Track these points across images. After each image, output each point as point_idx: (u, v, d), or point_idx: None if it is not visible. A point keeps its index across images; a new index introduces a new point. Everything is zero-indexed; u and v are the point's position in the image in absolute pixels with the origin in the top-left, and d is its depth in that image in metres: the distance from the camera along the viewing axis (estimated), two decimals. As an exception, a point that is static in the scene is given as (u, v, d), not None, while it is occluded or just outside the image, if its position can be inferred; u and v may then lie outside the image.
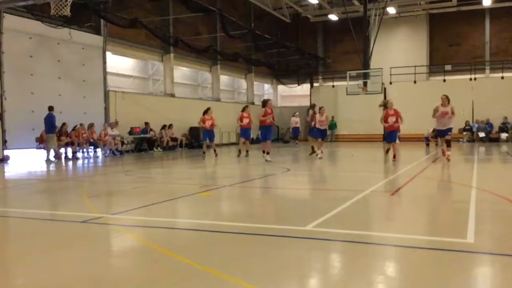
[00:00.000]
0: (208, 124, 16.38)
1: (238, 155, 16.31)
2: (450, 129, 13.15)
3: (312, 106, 17.14)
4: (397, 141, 13.71)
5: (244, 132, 16.55)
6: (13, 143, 16.11)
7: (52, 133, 16.18)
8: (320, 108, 15.90)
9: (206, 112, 16.65)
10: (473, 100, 29.37)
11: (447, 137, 13.12)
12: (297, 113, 26.06)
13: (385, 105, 14.04)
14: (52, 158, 16.10)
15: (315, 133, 15.91)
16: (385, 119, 13.63)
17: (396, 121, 13.39)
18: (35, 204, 7.64)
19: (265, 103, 15.23)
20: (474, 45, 32.03)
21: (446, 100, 13.11)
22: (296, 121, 25.54)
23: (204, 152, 16.73)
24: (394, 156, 13.37)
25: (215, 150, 16.95)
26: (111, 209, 7.07)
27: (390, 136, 13.88)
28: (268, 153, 14.55)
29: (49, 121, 16.06)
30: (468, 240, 4.58)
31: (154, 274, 3.79)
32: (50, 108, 16.22)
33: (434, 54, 33.09)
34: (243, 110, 16.62)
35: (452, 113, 13.02)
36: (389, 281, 3.60)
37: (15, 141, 15.95)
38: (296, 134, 25.92)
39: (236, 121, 17.18)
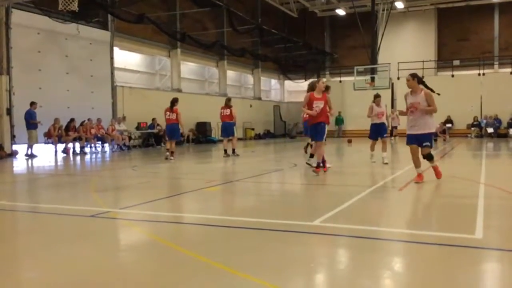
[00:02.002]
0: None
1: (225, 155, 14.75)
2: (426, 136, 8.16)
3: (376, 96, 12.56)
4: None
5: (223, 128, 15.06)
6: (21, 138, 16.21)
7: (31, 129, 15.82)
8: (376, 98, 12.08)
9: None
10: (482, 96, 29.17)
11: (424, 151, 8.25)
12: None
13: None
14: (34, 153, 15.96)
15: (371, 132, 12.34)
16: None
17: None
18: (43, 199, 7.70)
19: (313, 86, 9.91)
20: (483, 40, 31.78)
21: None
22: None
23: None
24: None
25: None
26: (119, 203, 7.10)
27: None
28: (312, 156, 10.60)
29: (26, 117, 15.76)
30: (476, 235, 4.55)
31: (162, 268, 3.80)
32: (31, 104, 15.81)
33: (442, 49, 32.87)
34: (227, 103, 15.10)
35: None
36: (397, 277, 3.59)
37: (24, 136, 16.03)
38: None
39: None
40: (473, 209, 5.82)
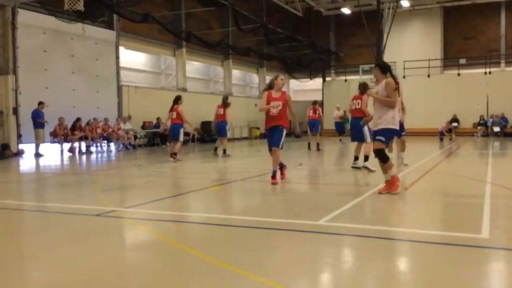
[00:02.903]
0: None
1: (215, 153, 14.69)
2: (379, 132, 7.00)
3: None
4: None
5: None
6: (27, 137, 16.28)
7: (38, 128, 15.96)
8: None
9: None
10: (488, 94, 29.01)
11: (374, 145, 7.13)
12: (339, 105, 23.84)
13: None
14: (40, 152, 16.05)
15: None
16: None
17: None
18: (49, 198, 7.73)
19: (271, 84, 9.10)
20: (489, 38, 31.59)
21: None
22: (339, 115, 23.02)
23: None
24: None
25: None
26: (125, 202, 7.12)
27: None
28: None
29: (33, 117, 15.91)
30: (483, 235, 4.53)
31: (166, 267, 3.81)
32: (39, 103, 15.97)
33: (448, 48, 32.71)
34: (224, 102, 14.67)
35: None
36: (402, 276, 3.57)
37: (30, 136, 16.10)
38: (340, 129, 22.80)
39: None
40: (479, 208, 5.78)
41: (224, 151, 14.54)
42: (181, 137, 13.15)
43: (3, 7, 15.79)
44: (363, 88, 10.10)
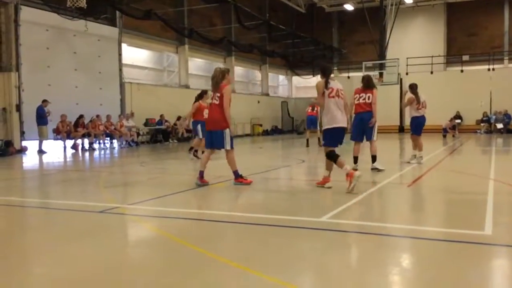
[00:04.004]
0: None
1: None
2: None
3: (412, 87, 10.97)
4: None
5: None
6: (30, 134, 16.32)
7: (41, 125, 16.03)
8: (412, 88, 10.88)
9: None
10: (491, 91, 28.89)
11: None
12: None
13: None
14: (44, 149, 16.09)
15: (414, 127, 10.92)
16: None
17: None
18: (53, 194, 7.76)
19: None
20: (493, 34, 31.47)
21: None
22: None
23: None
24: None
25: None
26: (128, 199, 7.14)
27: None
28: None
29: (38, 113, 16.03)
30: (486, 232, 4.53)
31: (170, 264, 3.82)
32: (43, 101, 16.08)
33: (452, 44, 32.61)
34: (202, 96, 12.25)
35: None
36: (405, 273, 3.58)
37: (33, 133, 16.14)
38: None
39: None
40: (482, 205, 5.78)
41: (191, 148, 13.28)
42: (200, 134, 12.02)
43: (6, 4, 15.82)
44: (371, 82, 9.56)
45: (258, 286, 3.28)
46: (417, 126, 10.78)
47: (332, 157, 7.16)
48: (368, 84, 9.50)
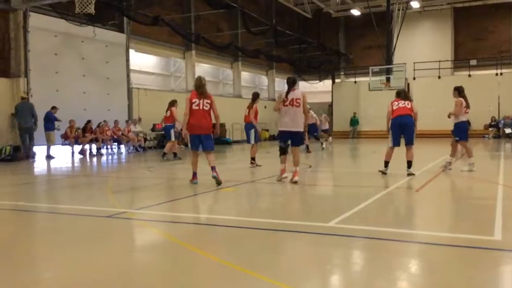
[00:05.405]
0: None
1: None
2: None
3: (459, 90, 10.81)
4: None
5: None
6: (39, 139, 16.40)
7: (49, 131, 16.11)
8: (460, 90, 10.75)
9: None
10: (499, 95, 28.75)
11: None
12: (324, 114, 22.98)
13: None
14: (52, 154, 16.16)
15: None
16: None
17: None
18: (61, 199, 7.79)
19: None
20: (500, 39, 31.33)
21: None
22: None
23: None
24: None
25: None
26: (135, 204, 7.15)
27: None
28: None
29: (47, 118, 16.13)
30: (495, 237, 4.49)
31: (177, 268, 3.82)
32: (52, 108, 16.21)
33: (459, 49, 32.49)
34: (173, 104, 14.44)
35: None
36: (413, 279, 3.55)
37: (41, 138, 16.23)
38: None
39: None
40: (491, 210, 5.73)
41: (164, 154, 14.25)
42: (172, 137, 13.99)
43: (15, 10, 15.97)
44: (408, 94, 9.91)
45: (266, 291, 3.27)
46: (465, 132, 10.41)
47: (280, 152, 8.70)
48: (405, 96, 9.61)
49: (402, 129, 9.25)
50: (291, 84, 8.58)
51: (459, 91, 10.44)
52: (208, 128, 8.31)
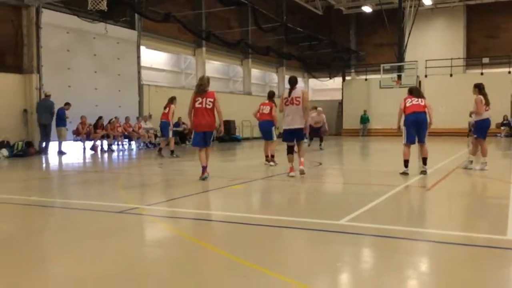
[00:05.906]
0: None
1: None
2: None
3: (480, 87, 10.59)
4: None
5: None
6: (50, 135, 16.51)
7: (61, 127, 16.21)
8: (480, 87, 10.48)
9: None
10: (512, 94, 28.44)
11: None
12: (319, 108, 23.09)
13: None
14: (63, 150, 16.27)
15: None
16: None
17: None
18: (73, 195, 7.86)
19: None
20: (513, 37, 30.96)
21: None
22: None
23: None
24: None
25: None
26: (146, 200, 7.19)
27: None
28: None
29: (58, 114, 16.25)
30: (508, 236, 4.45)
31: (188, 264, 3.83)
32: (65, 104, 16.32)
33: (471, 47, 32.16)
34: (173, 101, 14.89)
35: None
36: (424, 277, 3.53)
37: (53, 134, 16.35)
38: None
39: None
40: (504, 209, 5.69)
41: (160, 149, 14.54)
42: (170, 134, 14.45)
43: (27, 7, 16.09)
44: (420, 91, 9.80)
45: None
46: (485, 130, 9.91)
47: (287, 152, 9.07)
48: (418, 93, 9.42)
49: (418, 126, 8.98)
50: (293, 83, 9.11)
51: (479, 89, 10.16)
52: (210, 126, 8.62)
